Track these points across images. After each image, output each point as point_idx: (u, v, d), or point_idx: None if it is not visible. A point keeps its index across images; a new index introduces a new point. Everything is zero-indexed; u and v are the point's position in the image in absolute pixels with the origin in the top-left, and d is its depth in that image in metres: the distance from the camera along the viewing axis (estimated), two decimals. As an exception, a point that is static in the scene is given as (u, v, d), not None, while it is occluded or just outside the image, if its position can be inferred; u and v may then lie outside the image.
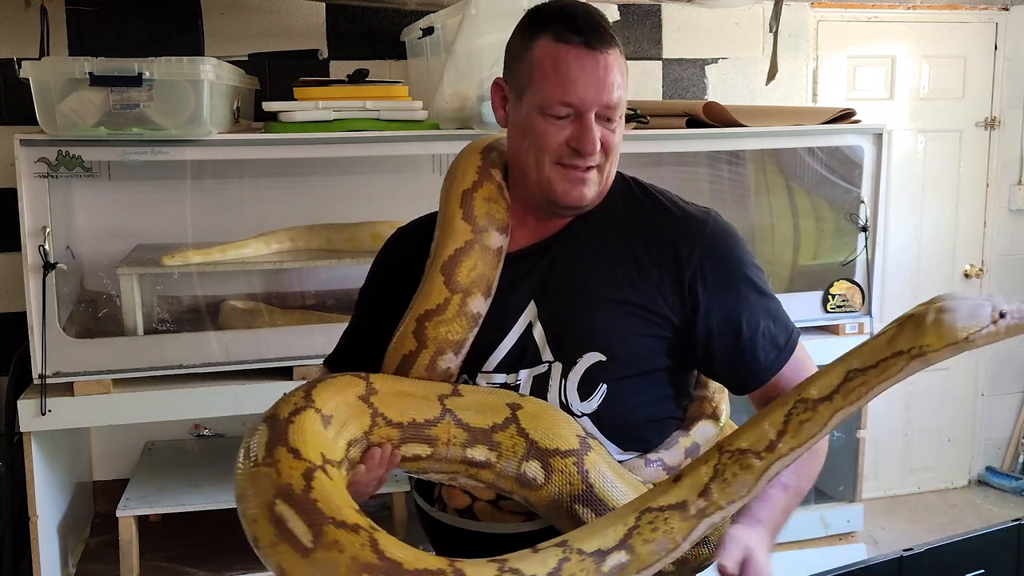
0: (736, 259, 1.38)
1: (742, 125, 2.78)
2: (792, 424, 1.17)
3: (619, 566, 1.11)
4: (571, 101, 1.29)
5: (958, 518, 3.89)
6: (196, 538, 2.79)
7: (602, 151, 1.32)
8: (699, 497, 1.16)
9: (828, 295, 2.97)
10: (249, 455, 1.18)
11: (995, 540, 1.47)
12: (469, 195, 1.38)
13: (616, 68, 1.31)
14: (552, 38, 1.30)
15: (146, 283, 2.62)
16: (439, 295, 1.34)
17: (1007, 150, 4.01)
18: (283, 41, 3.08)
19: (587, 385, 1.35)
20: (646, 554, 1.13)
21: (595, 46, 1.29)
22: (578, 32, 1.30)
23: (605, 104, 1.30)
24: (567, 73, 1.29)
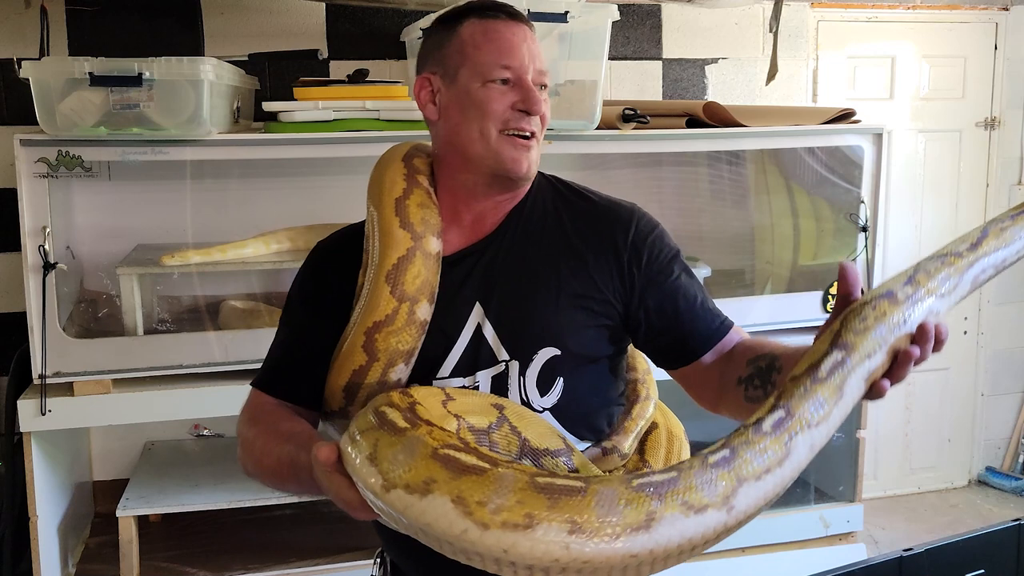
0: (666, 243, 1.43)
1: (742, 125, 2.78)
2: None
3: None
4: (510, 64, 1.34)
5: (958, 518, 3.89)
6: (196, 538, 2.79)
7: (540, 122, 1.37)
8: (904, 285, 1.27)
9: (828, 295, 2.97)
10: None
11: (995, 540, 1.47)
12: (402, 203, 1.38)
13: (538, 44, 1.39)
14: (477, 17, 1.38)
15: (146, 283, 2.62)
16: (387, 305, 1.33)
17: (1007, 150, 4.01)
18: (283, 41, 3.08)
19: (545, 380, 1.36)
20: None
21: (518, 19, 1.38)
22: (499, 10, 1.38)
23: (539, 70, 1.37)
24: (501, 40, 1.35)
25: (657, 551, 0.94)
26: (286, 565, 2.64)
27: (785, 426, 1.02)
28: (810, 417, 1.04)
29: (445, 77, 1.38)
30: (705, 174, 3.29)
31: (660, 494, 0.94)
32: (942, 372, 4.07)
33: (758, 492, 0.99)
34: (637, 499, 0.93)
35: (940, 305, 1.26)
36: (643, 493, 0.94)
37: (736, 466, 0.98)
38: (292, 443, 1.27)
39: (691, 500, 0.95)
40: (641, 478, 0.96)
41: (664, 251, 1.42)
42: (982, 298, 4.07)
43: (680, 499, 0.95)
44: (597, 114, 2.59)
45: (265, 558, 2.67)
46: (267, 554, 2.69)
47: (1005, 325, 4.12)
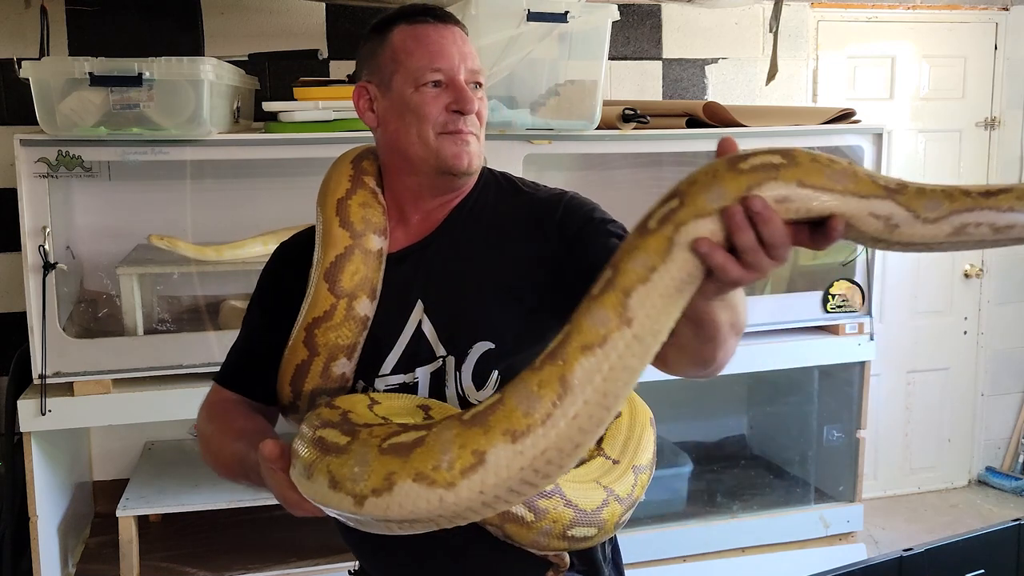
0: (591, 209, 1.41)
1: (742, 125, 2.78)
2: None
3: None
4: (440, 66, 1.36)
5: (958, 518, 3.89)
6: (196, 538, 2.79)
7: (477, 120, 1.39)
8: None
9: (828, 295, 2.97)
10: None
11: (995, 540, 1.48)
12: (344, 203, 1.41)
13: (470, 44, 1.40)
14: (405, 23, 1.40)
15: (146, 283, 2.62)
16: (325, 302, 1.36)
17: (1007, 150, 4.01)
18: (283, 41, 3.08)
19: (480, 374, 1.36)
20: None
21: (448, 22, 1.40)
22: (426, 14, 1.40)
23: (471, 69, 1.38)
24: (430, 43, 1.37)
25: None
26: (286, 565, 2.64)
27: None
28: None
29: (380, 85, 1.41)
30: (705, 174, 3.29)
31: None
32: (942, 372, 4.07)
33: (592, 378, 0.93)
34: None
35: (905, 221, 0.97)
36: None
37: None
38: (243, 441, 1.32)
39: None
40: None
41: (589, 215, 1.40)
42: (982, 298, 4.07)
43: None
44: (597, 114, 2.59)
45: (265, 558, 2.67)
46: (267, 554, 2.69)
47: (1005, 325, 4.12)
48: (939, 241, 0.98)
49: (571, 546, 1.33)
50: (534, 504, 1.27)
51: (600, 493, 1.33)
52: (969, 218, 0.97)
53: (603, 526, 1.32)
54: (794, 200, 0.94)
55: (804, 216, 0.95)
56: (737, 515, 3.08)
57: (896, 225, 0.97)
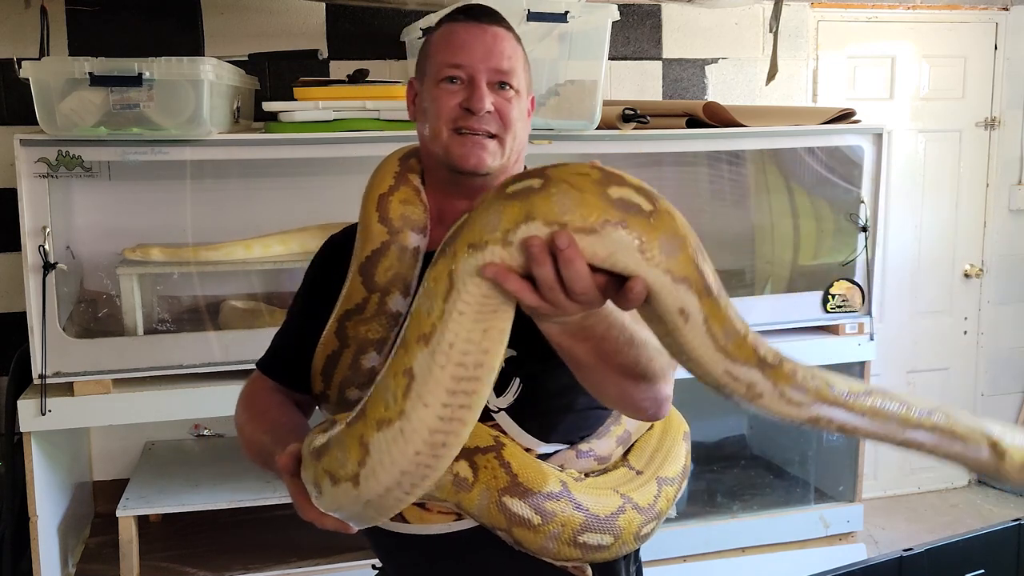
0: None
1: (742, 125, 2.78)
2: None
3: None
4: (459, 62, 1.35)
5: (958, 518, 3.89)
6: (196, 538, 2.79)
7: (499, 120, 1.36)
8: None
9: (828, 295, 2.97)
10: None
11: (995, 540, 1.48)
12: (385, 199, 1.42)
13: (509, 44, 1.38)
14: (448, 21, 1.41)
15: (146, 283, 2.62)
16: (358, 295, 1.37)
17: (1007, 150, 4.01)
18: (283, 41, 3.08)
19: (501, 381, 1.35)
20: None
21: (483, 20, 1.38)
22: (469, 14, 1.39)
23: (494, 68, 1.35)
24: (455, 40, 1.37)
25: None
26: (286, 565, 2.64)
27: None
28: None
29: (420, 81, 1.43)
30: (705, 174, 3.29)
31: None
32: (942, 372, 4.07)
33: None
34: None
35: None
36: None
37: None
38: (271, 435, 1.33)
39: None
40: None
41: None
42: (982, 298, 4.07)
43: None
44: (597, 114, 2.59)
45: (265, 558, 2.67)
46: (267, 554, 2.69)
47: (1005, 325, 4.12)
48: (794, 421, 1.03)
49: (586, 555, 1.30)
50: (540, 506, 1.26)
51: (616, 500, 1.31)
52: (824, 412, 1.04)
53: (619, 535, 1.30)
54: (610, 258, 0.92)
55: (620, 272, 0.94)
56: (737, 515, 3.08)
57: (760, 395, 1.02)
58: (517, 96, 1.38)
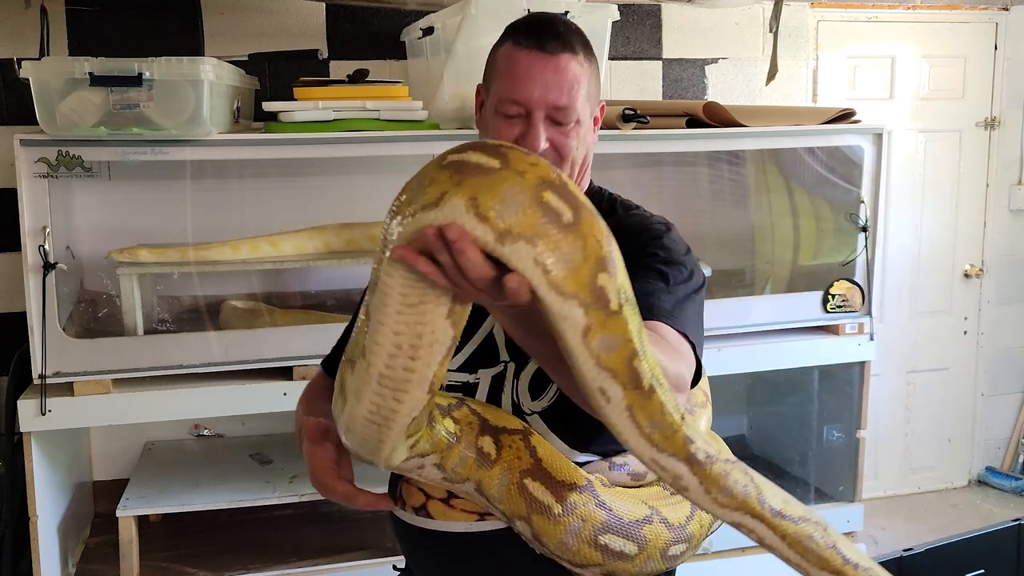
0: (658, 246, 1.38)
1: (742, 125, 2.78)
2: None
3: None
4: (518, 98, 1.34)
5: (958, 518, 3.89)
6: (196, 538, 2.79)
7: (555, 153, 1.36)
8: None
9: (828, 295, 2.97)
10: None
11: (995, 540, 1.48)
12: None
13: (571, 72, 1.34)
14: (511, 42, 1.37)
15: (146, 283, 2.62)
16: None
17: (1007, 150, 4.01)
18: (283, 41, 3.08)
19: (538, 385, 1.35)
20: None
21: (548, 49, 1.34)
22: (535, 37, 1.35)
23: (553, 104, 1.34)
24: (516, 72, 1.34)
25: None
26: (286, 565, 2.64)
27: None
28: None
29: (485, 91, 1.43)
30: (705, 174, 3.29)
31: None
32: (942, 372, 4.07)
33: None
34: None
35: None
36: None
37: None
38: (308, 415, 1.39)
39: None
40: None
41: (650, 243, 1.38)
42: (982, 298, 4.07)
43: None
44: (597, 114, 2.59)
45: (265, 558, 2.67)
46: (267, 554, 2.69)
47: (1005, 325, 4.12)
48: (717, 518, 1.06)
49: (607, 562, 1.27)
50: (562, 495, 1.25)
51: (643, 509, 1.30)
52: (746, 522, 1.07)
53: (644, 546, 1.27)
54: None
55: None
56: (737, 515, 3.08)
57: (685, 488, 1.05)
58: (577, 126, 1.37)
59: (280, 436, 3.05)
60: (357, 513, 2.82)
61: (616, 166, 3.06)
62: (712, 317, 2.84)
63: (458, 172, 0.94)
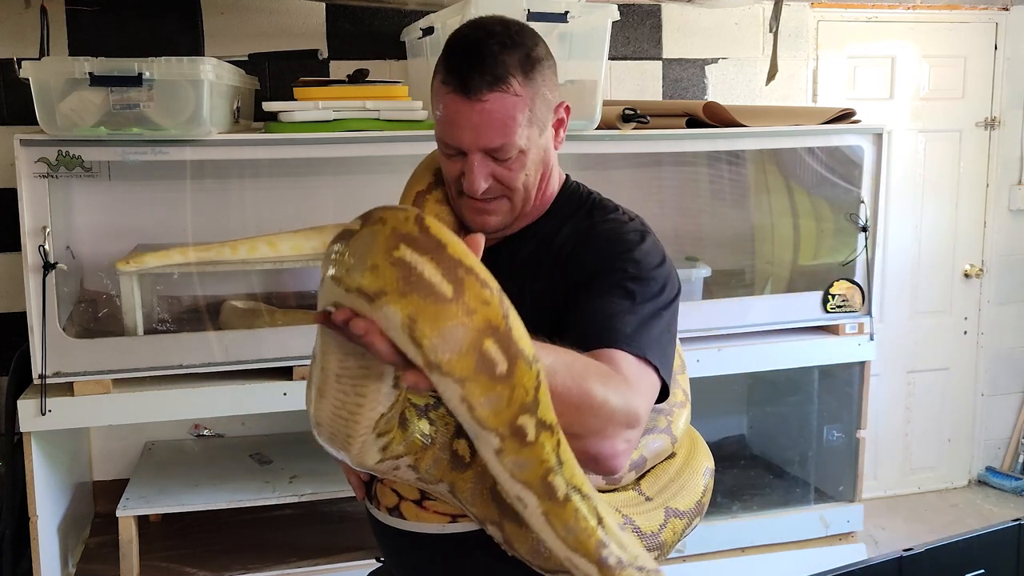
0: (625, 260, 1.34)
1: (742, 125, 2.78)
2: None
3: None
4: (451, 143, 1.34)
5: (958, 518, 3.89)
6: (196, 538, 2.79)
7: (501, 186, 1.35)
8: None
9: (828, 295, 2.97)
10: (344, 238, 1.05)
11: (995, 540, 1.48)
12: (422, 196, 1.42)
13: (503, 110, 1.29)
14: (440, 78, 1.33)
15: (146, 283, 2.61)
16: None
17: (1007, 150, 4.01)
18: (283, 41, 3.08)
19: None
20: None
21: (471, 93, 1.29)
22: (459, 75, 1.29)
23: (484, 148, 1.32)
24: (447, 116, 1.32)
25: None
26: (286, 565, 2.64)
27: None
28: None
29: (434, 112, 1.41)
30: (705, 174, 3.29)
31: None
32: (942, 372, 4.07)
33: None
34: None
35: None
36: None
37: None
38: None
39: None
40: None
41: (614, 258, 1.34)
42: (982, 298, 4.07)
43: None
44: (597, 114, 2.59)
45: (265, 558, 2.67)
46: (267, 554, 2.69)
47: (1005, 325, 4.12)
48: None
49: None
50: None
51: (616, 517, 1.27)
52: None
53: None
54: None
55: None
56: (737, 515, 3.08)
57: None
58: (521, 156, 1.34)
59: (280, 436, 3.05)
60: (357, 513, 2.82)
61: (616, 166, 3.07)
62: (712, 317, 2.88)
63: (406, 280, 0.91)
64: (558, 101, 1.41)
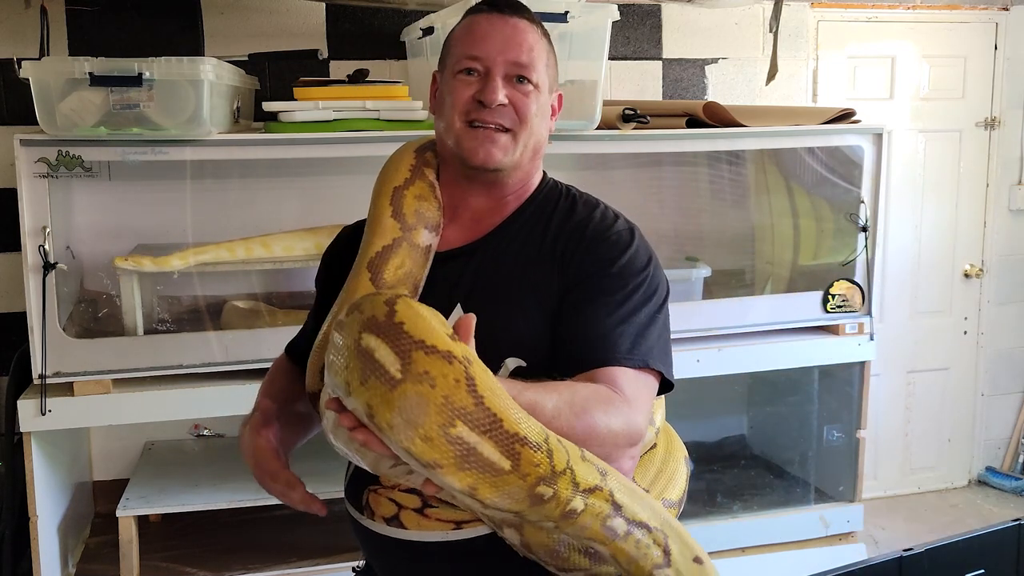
0: (611, 264, 1.34)
1: (742, 125, 2.78)
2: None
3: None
4: (477, 54, 1.34)
5: (958, 518, 3.89)
6: (196, 538, 2.79)
7: (513, 114, 1.34)
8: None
9: (828, 295, 2.97)
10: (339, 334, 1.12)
11: (995, 540, 1.47)
12: (400, 192, 1.39)
13: (529, 34, 1.36)
14: (472, 12, 1.40)
15: (146, 283, 2.62)
16: (364, 292, 1.33)
17: (1007, 150, 4.01)
18: (283, 41, 3.08)
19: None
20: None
21: (505, 12, 1.37)
22: (493, 4, 1.38)
23: (512, 61, 1.34)
24: (476, 31, 1.36)
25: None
26: (286, 565, 2.64)
27: None
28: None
29: (440, 73, 1.42)
30: (705, 174, 3.29)
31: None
32: (942, 372, 4.07)
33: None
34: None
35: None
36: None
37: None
38: (269, 399, 1.47)
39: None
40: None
41: (602, 261, 1.33)
42: (982, 298, 4.07)
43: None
44: (597, 114, 2.59)
45: (265, 558, 2.67)
46: (267, 554, 2.69)
47: (1005, 325, 4.12)
48: None
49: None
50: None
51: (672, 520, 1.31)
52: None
53: None
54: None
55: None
56: (737, 515, 3.08)
57: None
58: (536, 91, 1.36)
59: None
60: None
61: (616, 166, 3.07)
62: (712, 317, 2.88)
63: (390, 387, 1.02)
64: (558, 87, 1.46)
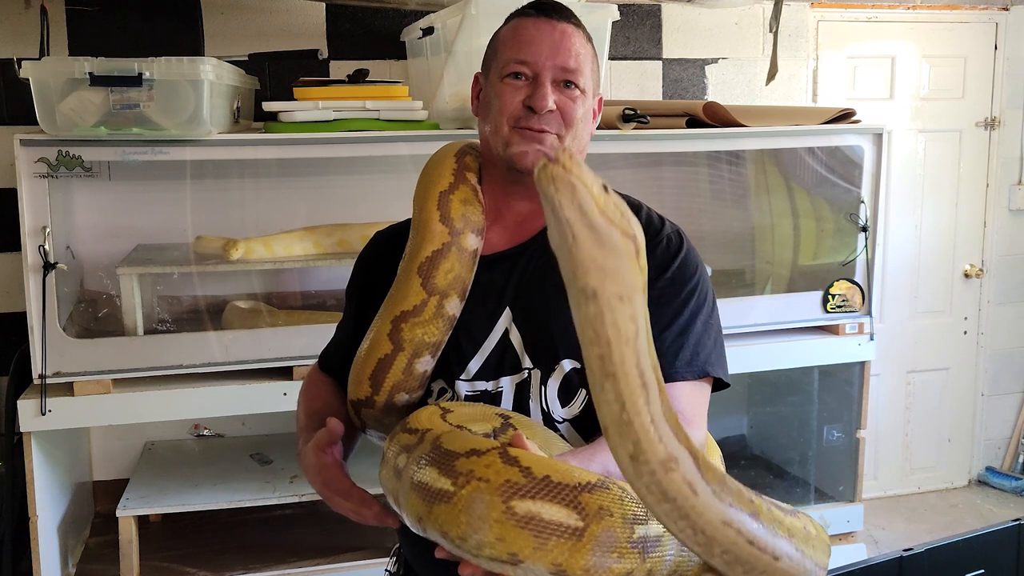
0: (683, 272, 1.37)
1: (742, 125, 2.78)
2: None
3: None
4: (525, 59, 1.35)
5: (958, 518, 3.89)
6: (196, 538, 2.79)
7: (561, 119, 1.35)
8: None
9: (828, 295, 2.97)
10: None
11: (995, 540, 1.48)
12: (446, 197, 1.39)
13: (575, 39, 1.37)
14: (517, 16, 1.40)
15: (146, 283, 2.62)
16: (416, 296, 1.34)
17: (1007, 150, 4.01)
18: (283, 41, 3.08)
19: (567, 391, 1.34)
20: None
21: (552, 16, 1.37)
22: (539, 8, 1.39)
23: (561, 66, 1.35)
24: (523, 35, 1.36)
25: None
26: (286, 565, 2.64)
27: None
28: None
29: (485, 76, 1.42)
30: (705, 174, 3.29)
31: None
32: (942, 372, 4.07)
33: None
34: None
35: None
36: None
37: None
38: (313, 418, 1.42)
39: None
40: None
41: (676, 277, 1.36)
42: (982, 298, 4.07)
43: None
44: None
45: (265, 558, 2.67)
46: (267, 554, 2.69)
47: (1005, 325, 4.12)
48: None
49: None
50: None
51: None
52: None
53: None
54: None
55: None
56: (737, 515, 3.08)
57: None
58: (582, 96, 1.37)
59: (280, 436, 3.05)
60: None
61: (616, 166, 3.06)
62: (712, 317, 2.87)
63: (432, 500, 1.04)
64: (599, 91, 1.46)
